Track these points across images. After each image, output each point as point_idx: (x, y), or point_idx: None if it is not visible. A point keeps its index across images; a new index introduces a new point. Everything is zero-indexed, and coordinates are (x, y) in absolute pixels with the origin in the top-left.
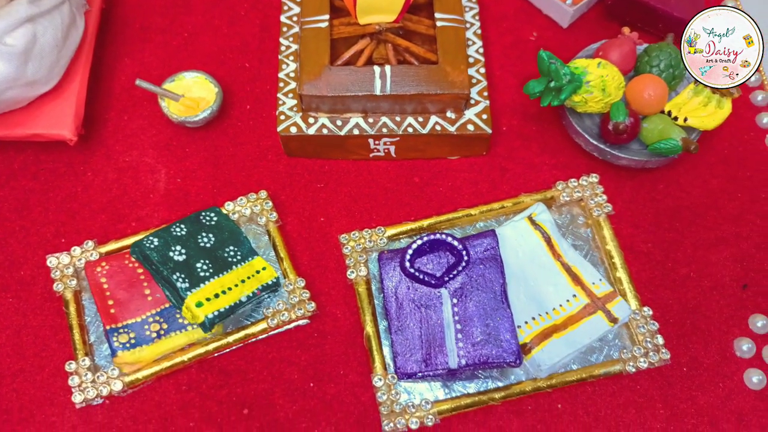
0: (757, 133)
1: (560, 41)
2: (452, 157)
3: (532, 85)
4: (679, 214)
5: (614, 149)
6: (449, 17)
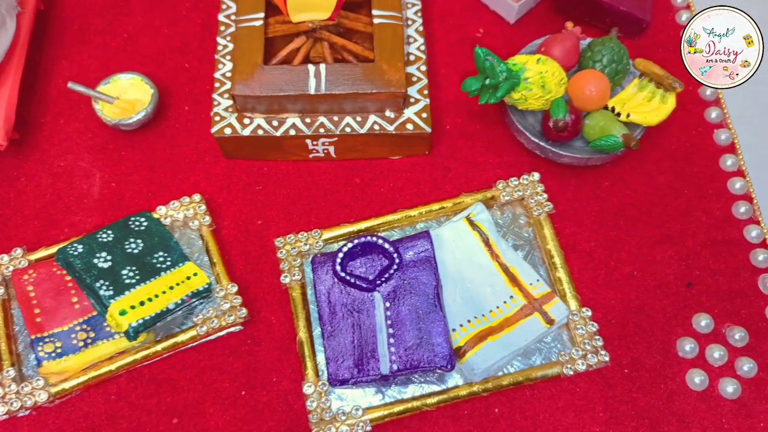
0: (705, 128)
1: (507, 37)
2: (394, 157)
3: (469, 83)
4: (624, 211)
5: (556, 147)
6: (387, 14)
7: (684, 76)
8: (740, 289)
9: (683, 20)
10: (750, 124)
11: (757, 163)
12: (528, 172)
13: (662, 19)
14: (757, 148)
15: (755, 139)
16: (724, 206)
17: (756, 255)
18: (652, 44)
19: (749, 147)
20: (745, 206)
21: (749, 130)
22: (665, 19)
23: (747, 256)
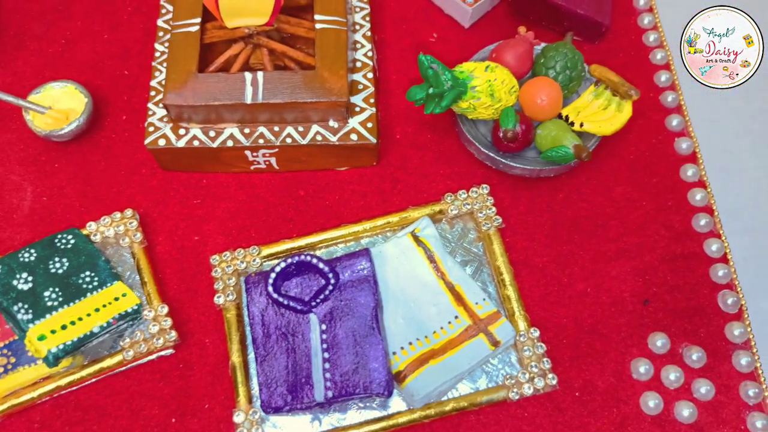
0: (666, 136)
1: (461, 42)
2: (340, 168)
3: (413, 92)
4: (579, 225)
5: (506, 158)
6: (330, 19)
7: (643, 82)
8: (699, 306)
9: (645, 24)
10: (712, 131)
11: (718, 173)
12: (480, 183)
13: (623, 22)
14: (718, 158)
15: (717, 148)
16: (684, 219)
17: (716, 270)
18: (612, 48)
19: (711, 156)
20: (705, 219)
21: (711, 139)
22: (626, 22)
23: (707, 272)
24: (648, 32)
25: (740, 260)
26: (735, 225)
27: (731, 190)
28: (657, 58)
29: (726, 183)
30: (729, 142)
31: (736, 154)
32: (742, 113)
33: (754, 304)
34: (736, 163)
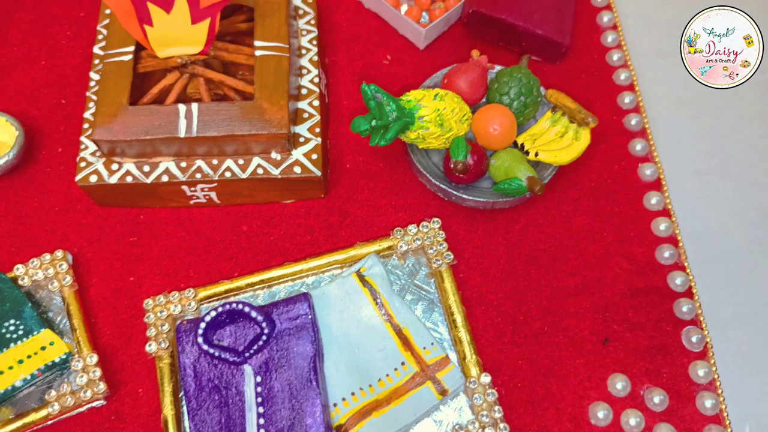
0: (630, 161)
1: (416, 64)
2: (286, 201)
3: (357, 123)
4: (536, 258)
5: (459, 190)
6: (271, 45)
7: (606, 104)
8: (662, 344)
9: (609, 42)
10: (678, 154)
11: (684, 199)
12: (433, 215)
13: (586, 40)
14: (685, 182)
15: (684, 172)
16: (647, 250)
17: (680, 305)
18: (574, 68)
19: (677, 182)
20: (669, 250)
21: (677, 162)
22: (589, 40)
23: (671, 307)
24: (612, 51)
25: (706, 293)
26: (701, 254)
27: (698, 216)
28: (621, 78)
29: (692, 209)
30: (697, 163)
31: (704, 177)
32: (712, 131)
33: (721, 341)
34: (703, 186)
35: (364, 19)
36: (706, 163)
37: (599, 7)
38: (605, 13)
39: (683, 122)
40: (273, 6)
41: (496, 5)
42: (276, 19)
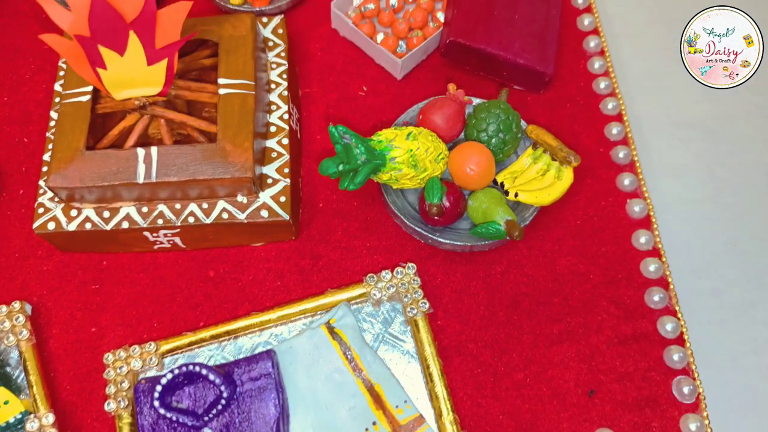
0: (617, 197)
1: (394, 95)
2: (256, 244)
3: (326, 165)
4: (518, 303)
5: (435, 233)
6: (235, 82)
7: (593, 135)
8: (651, 396)
9: (596, 68)
10: (669, 188)
11: (675, 237)
12: (409, 258)
13: (571, 67)
14: (676, 218)
15: (675, 206)
16: (636, 293)
17: (670, 353)
18: (558, 98)
19: (667, 218)
20: (659, 294)
21: (668, 197)
22: (575, 67)
23: (660, 355)
24: (598, 78)
25: (698, 338)
26: (693, 294)
27: (690, 253)
28: (608, 107)
29: (684, 246)
30: (689, 193)
31: (697, 208)
32: (705, 157)
33: (714, 390)
34: (696, 219)
35: (339, 48)
36: (699, 192)
37: (586, 32)
38: (592, 37)
39: (674, 150)
40: (238, 41)
41: (475, 34)
42: (241, 54)
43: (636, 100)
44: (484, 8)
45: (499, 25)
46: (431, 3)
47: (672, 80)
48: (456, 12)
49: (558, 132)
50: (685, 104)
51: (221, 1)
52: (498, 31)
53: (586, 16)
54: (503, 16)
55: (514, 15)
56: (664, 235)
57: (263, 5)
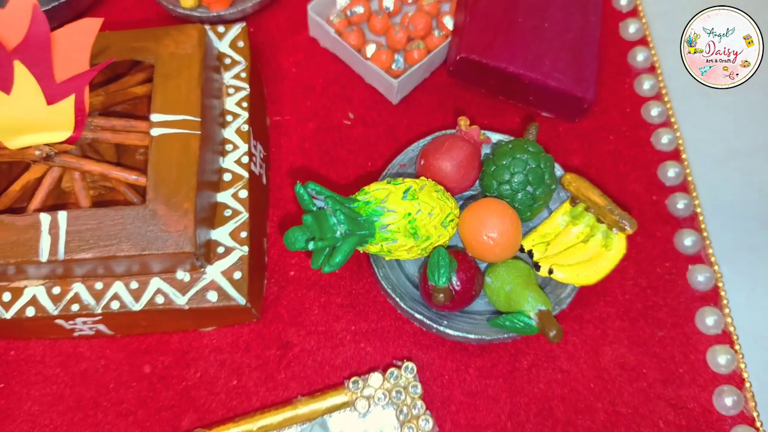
0: (677, 262)
1: (388, 124)
2: (206, 329)
3: (293, 237)
4: (551, 411)
5: (441, 320)
6: (174, 119)
7: (644, 178)
8: None
9: (645, 89)
10: (737, 254)
11: (748, 318)
12: (407, 348)
13: (614, 88)
14: (747, 290)
15: (745, 275)
16: (702, 394)
17: None
18: (599, 128)
19: (738, 292)
20: (732, 396)
21: (737, 263)
22: (619, 88)
23: None
24: (649, 102)
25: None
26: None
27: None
28: (662, 141)
29: (761, 327)
30: (762, 269)
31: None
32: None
33: None
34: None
35: (319, 62)
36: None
37: (631, 42)
38: (639, 49)
39: (739, 193)
40: (180, 61)
41: (493, 48)
42: (184, 80)
43: (698, 128)
44: (504, 14)
45: (525, 37)
46: (436, 5)
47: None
48: (469, 19)
49: (598, 173)
50: (738, 128)
51: (169, 5)
52: (523, 44)
53: (632, 22)
54: (529, 25)
55: (543, 23)
56: (737, 314)
57: (222, 8)
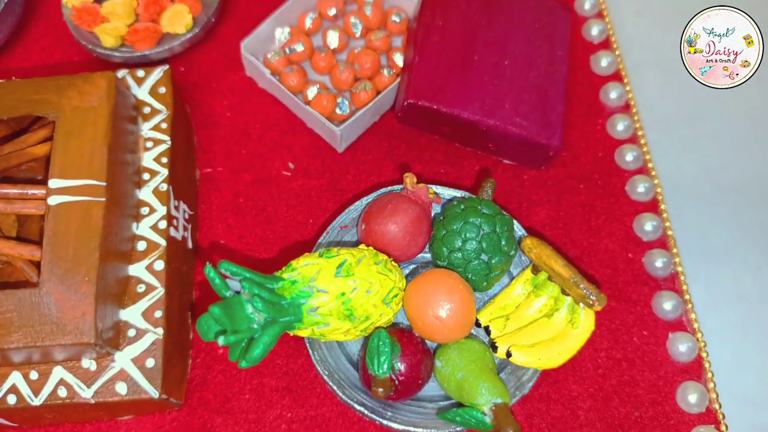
0: (655, 330)
1: (332, 175)
2: (122, 418)
3: (206, 325)
4: None
5: (385, 411)
6: (75, 184)
7: (618, 235)
8: None
9: (619, 131)
10: (726, 323)
11: (732, 394)
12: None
13: (586, 130)
14: (734, 374)
15: (730, 359)
16: None
17: None
18: (567, 176)
19: (723, 373)
20: None
21: (723, 334)
22: (590, 129)
23: None
24: (623, 146)
25: None
26: None
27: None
28: (638, 190)
29: (748, 405)
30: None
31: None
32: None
33: None
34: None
35: (256, 104)
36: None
37: (604, 76)
38: (612, 85)
39: (740, 269)
40: (85, 116)
41: (445, 92)
42: (88, 138)
43: (678, 173)
44: (458, 51)
45: (482, 77)
46: (386, 40)
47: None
48: (418, 58)
49: (567, 227)
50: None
51: (89, 44)
52: (480, 85)
53: (604, 54)
54: (487, 62)
55: (502, 59)
56: (723, 391)
57: (147, 47)
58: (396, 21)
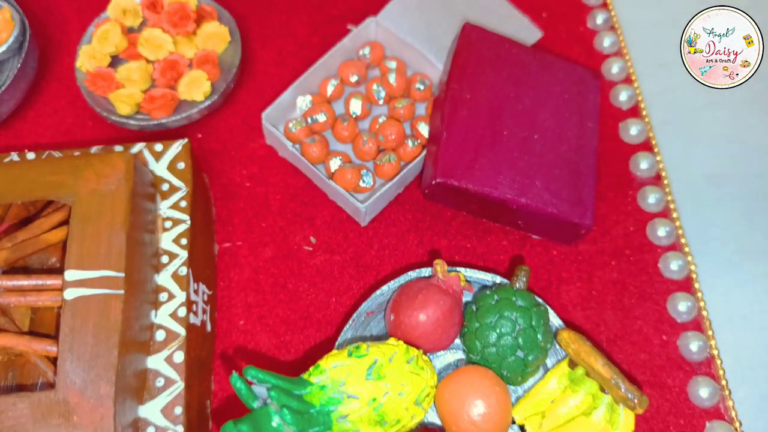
0: (691, 416)
1: (356, 251)
2: None
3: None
4: None
5: None
6: (93, 276)
7: (653, 316)
8: None
9: (650, 203)
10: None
11: None
12: None
13: (616, 202)
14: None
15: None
16: None
17: None
18: (598, 251)
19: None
20: None
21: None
22: (620, 202)
23: None
24: (655, 220)
25: None
26: None
27: None
28: (671, 268)
29: None
30: None
31: None
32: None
33: None
34: None
35: (277, 174)
36: None
37: (633, 145)
38: (642, 155)
39: (759, 328)
40: (103, 200)
41: (474, 171)
42: (106, 223)
43: (710, 251)
44: (487, 125)
45: (512, 153)
46: (410, 109)
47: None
48: (446, 134)
49: (599, 307)
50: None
51: (104, 112)
52: (510, 162)
53: (633, 122)
54: (517, 137)
55: (532, 134)
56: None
57: (164, 115)
58: (420, 89)
